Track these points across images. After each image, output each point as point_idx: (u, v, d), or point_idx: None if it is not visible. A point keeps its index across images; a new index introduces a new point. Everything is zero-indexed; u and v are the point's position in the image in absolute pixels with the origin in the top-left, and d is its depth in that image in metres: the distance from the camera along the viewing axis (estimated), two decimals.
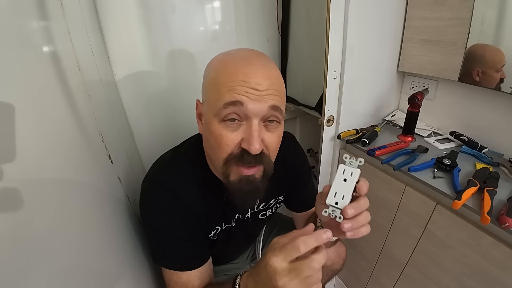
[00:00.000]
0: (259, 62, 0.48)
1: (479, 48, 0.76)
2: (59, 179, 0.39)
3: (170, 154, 0.63)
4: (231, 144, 0.47)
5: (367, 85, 0.95)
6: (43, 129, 0.37)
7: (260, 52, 0.52)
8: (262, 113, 0.46)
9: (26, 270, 0.30)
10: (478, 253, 0.66)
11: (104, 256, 0.51)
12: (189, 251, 0.58)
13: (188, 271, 0.57)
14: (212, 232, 0.63)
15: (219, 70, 0.48)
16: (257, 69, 0.46)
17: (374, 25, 0.86)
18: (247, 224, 0.71)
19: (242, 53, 0.50)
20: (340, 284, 1.24)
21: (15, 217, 0.30)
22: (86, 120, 0.53)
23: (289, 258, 0.38)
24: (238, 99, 0.45)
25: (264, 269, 0.39)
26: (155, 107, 0.92)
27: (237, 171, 0.49)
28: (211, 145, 0.51)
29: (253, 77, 0.45)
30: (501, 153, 0.81)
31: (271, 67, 0.49)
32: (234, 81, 0.45)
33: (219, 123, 0.47)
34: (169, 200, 0.56)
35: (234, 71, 0.46)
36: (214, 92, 0.48)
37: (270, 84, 0.46)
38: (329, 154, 0.99)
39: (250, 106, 0.45)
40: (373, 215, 0.43)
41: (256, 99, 0.45)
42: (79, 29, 0.60)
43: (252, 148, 0.46)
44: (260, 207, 0.70)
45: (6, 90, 0.31)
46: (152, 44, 0.86)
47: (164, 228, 0.56)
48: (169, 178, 0.57)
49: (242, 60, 0.48)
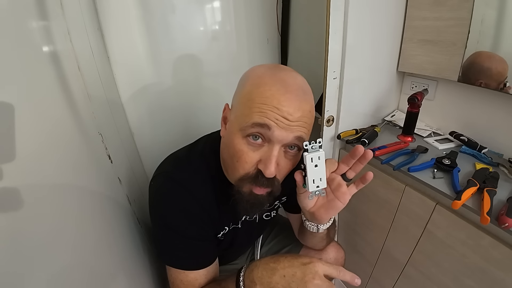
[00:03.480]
0: (296, 91, 0.48)
1: (486, 60, 0.75)
2: (59, 179, 0.39)
3: (186, 152, 0.63)
4: (249, 162, 0.49)
5: (366, 85, 0.95)
6: (43, 129, 0.37)
7: (301, 78, 0.52)
8: (286, 141, 0.48)
9: (25, 270, 0.30)
10: (478, 253, 0.66)
11: (104, 255, 0.51)
12: (200, 250, 0.59)
13: (197, 270, 0.57)
14: (221, 232, 0.64)
15: (255, 86, 0.48)
16: (292, 99, 0.47)
17: (374, 25, 0.86)
18: (253, 225, 0.71)
19: (283, 75, 0.49)
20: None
21: (15, 217, 0.30)
22: (85, 120, 0.53)
23: (328, 273, 0.46)
24: (267, 123, 0.46)
25: (304, 266, 0.46)
26: (155, 107, 0.92)
27: (249, 188, 0.51)
28: (230, 155, 0.51)
29: (286, 106, 0.46)
30: (500, 153, 0.81)
31: (306, 99, 0.49)
32: (267, 105, 0.46)
33: (242, 138, 0.49)
34: (187, 198, 0.56)
35: (269, 94, 0.46)
36: (245, 108, 0.48)
37: (301, 116, 0.47)
38: (329, 154, 0.99)
39: (276, 132, 0.46)
40: (372, 215, 0.44)
41: (284, 127, 0.46)
42: (79, 29, 0.60)
43: (267, 172, 0.47)
44: (266, 208, 0.70)
45: (6, 90, 0.31)
46: (152, 44, 0.86)
47: (178, 226, 0.56)
48: (187, 177, 0.57)
49: (280, 85, 0.47)
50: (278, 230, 0.94)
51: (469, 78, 0.80)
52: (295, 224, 0.80)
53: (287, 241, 0.89)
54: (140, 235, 0.70)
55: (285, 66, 0.54)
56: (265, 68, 0.51)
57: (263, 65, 0.53)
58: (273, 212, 0.75)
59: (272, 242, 0.93)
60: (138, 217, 0.72)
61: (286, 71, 0.51)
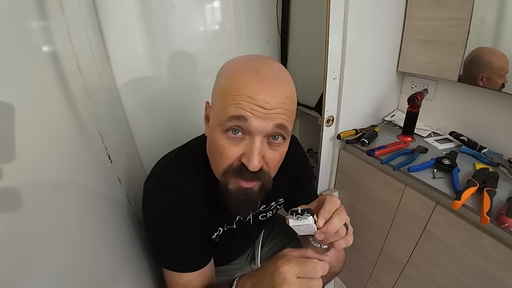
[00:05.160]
0: (270, 78, 0.45)
1: (486, 54, 0.76)
2: (58, 179, 0.39)
3: (176, 154, 0.62)
4: (231, 156, 0.47)
5: (366, 85, 0.95)
6: (42, 129, 0.37)
7: (277, 64, 0.49)
8: (267, 131, 0.45)
9: (25, 270, 0.30)
10: (478, 253, 0.66)
11: (104, 256, 0.51)
12: (192, 252, 0.58)
13: (190, 273, 0.57)
14: (215, 234, 0.63)
15: (229, 79, 0.46)
16: (266, 86, 0.44)
17: (374, 26, 0.86)
18: (248, 225, 0.70)
19: (256, 64, 0.47)
20: (340, 284, 1.24)
21: (14, 217, 0.30)
22: (85, 120, 0.53)
23: (303, 275, 0.40)
24: (242, 114, 0.44)
25: (271, 275, 0.40)
26: (155, 107, 0.92)
27: (236, 182, 0.49)
28: (212, 152, 0.50)
29: (261, 95, 0.44)
30: (500, 153, 0.81)
31: (283, 85, 0.46)
32: (241, 96, 0.44)
33: (222, 134, 0.47)
34: (176, 200, 0.55)
35: (243, 85, 0.44)
36: (221, 102, 0.46)
37: (278, 103, 0.45)
38: (329, 154, 0.99)
39: (254, 123, 0.44)
40: (372, 215, 0.43)
41: (262, 117, 0.44)
42: (79, 29, 0.60)
43: (250, 165, 0.45)
44: (261, 209, 0.70)
45: (6, 90, 0.31)
46: (152, 44, 0.86)
47: (169, 228, 0.55)
48: (175, 178, 0.56)
49: (253, 74, 0.45)
50: (279, 229, 0.94)
51: (471, 73, 0.79)
52: None
53: (288, 240, 0.89)
54: (139, 235, 0.70)
55: (261, 55, 0.51)
56: (239, 59, 0.50)
57: (238, 57, 0.51)
58: (269, 213, 0.73)
59: (273, 242, 0.93)
60: (138, 217, 0.72)
61: (260, 59, 0.49)
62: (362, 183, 0.94)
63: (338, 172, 1.04)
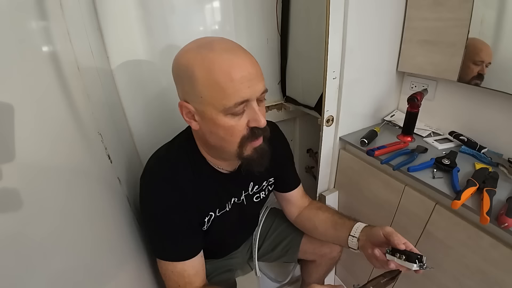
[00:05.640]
0: (240, 50, 0.53)
1: (472, 39, 0.77)
2: (58, 179, 0.39)
3: (165, 148, 0.66)
4: (242, 129, 0.55)
5: (366, 85, 0.95)
6: (42, 129, 0.37)
7: (229, 40, 0.55)
8: (259, 94, 0.53)
9: (25, 270, 0.30)
10: (477, 253, 0.66)
11: (104, 256, 0.51)
12: (185, 241, 0.63)
13: (183, 261, 0.62)
14: (205, 218, 0.66)
15: (210, 69, 0.49)
16: (244, 58, 0.51)
17: (374, 26, 0.86)
18: (243, 207, 0.74)
19: (220, 45, 0.52)
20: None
21: (14, 217, 0.30)
22: (85, 120, 0.53)
23: None
24: (246, 98, 0.51)
25: None
26: (155, 107, 0.92)
27: (250, 146, 0.57)
28: (220, 137, 0.55)
29: (245, 69, 0.50)
30: (500, 153, 0.81)
31: (247, 52, 0.54)
32: (236, 80, 0.49)
33: (226, 116, 0.52)
34: (168, 191, 0.59)
35: (229, 69, 0.49)
36: (216, 92, 0.50)
37: (257, 69, 0.53)
38: (329, 154, 0.99)
39: (251, 94, 0.52)
40: (372, 215, 0.43)
41: (253, 86, 0.51)
42: (79, 30, 0.60)
43: (262, 124, 0.54)
44: (254, 190, 0.75)
45: (6, 90, 0.31)
46: (151, 44, 0.86)
47: (162, 217, 0.60)
48: (166, 169, 0.61)
49: (229, 54, 0.50)
50: (278, 222, 0.96)
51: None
52: (288, 205, 0.86)
53: (287, 232, 0.93)
54: (140, 235, 0.70)
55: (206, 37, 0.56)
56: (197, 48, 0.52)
57: (187, 49, 0.54)
58: (262, 193, 0.78)
59: (273, 235, 0.95)
60: (138, 217, 0.72)
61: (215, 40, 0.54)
62: (362, 183, 0.94)
63: (338, 172, 1.04)
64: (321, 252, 0.91)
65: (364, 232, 0.67)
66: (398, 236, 0.58)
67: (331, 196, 1.04)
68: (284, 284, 1.19)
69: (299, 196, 0.85)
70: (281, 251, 0.93)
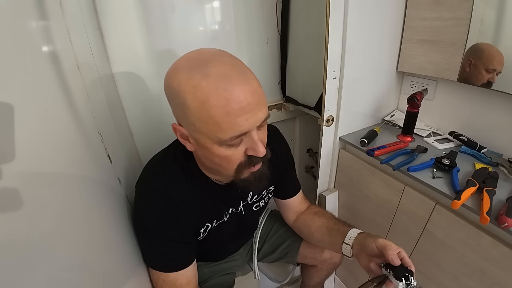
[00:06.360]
0: (239, 74, 0.45)
1: (483, 44, 0.76)
2: (58, 179, 0.39)
3: (160, 157, 0.65)
4: (239, 157, 0.51)
5: (366, 85, 0.95)
6: (42, 129, 0.37)
7: (228, 56, 0.48)
8: (259, 123, 0.49)
9: (25, 270, 0.30)
10: (477, 253, 0.66)
11: (104, 256, 0.51)
12: (178, 252, 0.62)
13: (175, 272, 0.61)
14: (201, 229, 0.65)
15: (203, 101, 0.44)
16: (243, 86, 0.45)
17: (374, 25, 0.86)
18: (241, 216, 0.73)
19: (216, 68, 0.44)
20: (340, 284, 1.24)
21: (14, 217, 0.30)
22: (85, 120, 0.53)
23: None
24: (244, 131, 0.47)
25: None
26: (155, 107, 0.92)
27: (248, 171, 0.54)
28: (216, 163, 0.53)
29: (244, 99, 0.44)
30: (500, 153, 0.81)
31: (249, 75, 0.47)
32: (233, 114, 0.44)
33: (221, 146, 0.49)
34: (162, 202, 0.58)
35: (225, 102, 0.43)
36: (211, 125, 0.46)
37: (258, 97, 0.47)
38: (329, 154, 0.99)
39: (250, 126, 0.47)
40: (372, 215, 0.43)
41: (252, 117, 0.46)
42: (79, 29, 0.60)
43: (260, 154, 0.50)
44: (254, 199, 0.73)
45: (6, 90, 0.31)
46: (151, 44, 0.86)
47: (156, 230, 0.58)
48: (160, 181, 0.59)
49: (226, 83, 0.44)
50: (278, 225, 0.96)
51: (465, 58, 0.80)
52: (287, 211, 0.85)
53: (287, 235, 0.93)
54: None
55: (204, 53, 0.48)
56: (187, 70, 0.45)
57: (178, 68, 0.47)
58: (262, 202, 0.76)
59: (273, 237, 0.95)
60: None
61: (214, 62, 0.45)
62: (362, 183, 0.94)
63: (338, 172, 1.04)
64: (322, 258, 0.90)
65: (358, 240, 0.66)
66: (392, 250, 0.56)
67: (331, 196, 1.04)
68: (284, 284, 1.19)
69: (298, 202, 0.84)
70: (281, 253, 0.93)
